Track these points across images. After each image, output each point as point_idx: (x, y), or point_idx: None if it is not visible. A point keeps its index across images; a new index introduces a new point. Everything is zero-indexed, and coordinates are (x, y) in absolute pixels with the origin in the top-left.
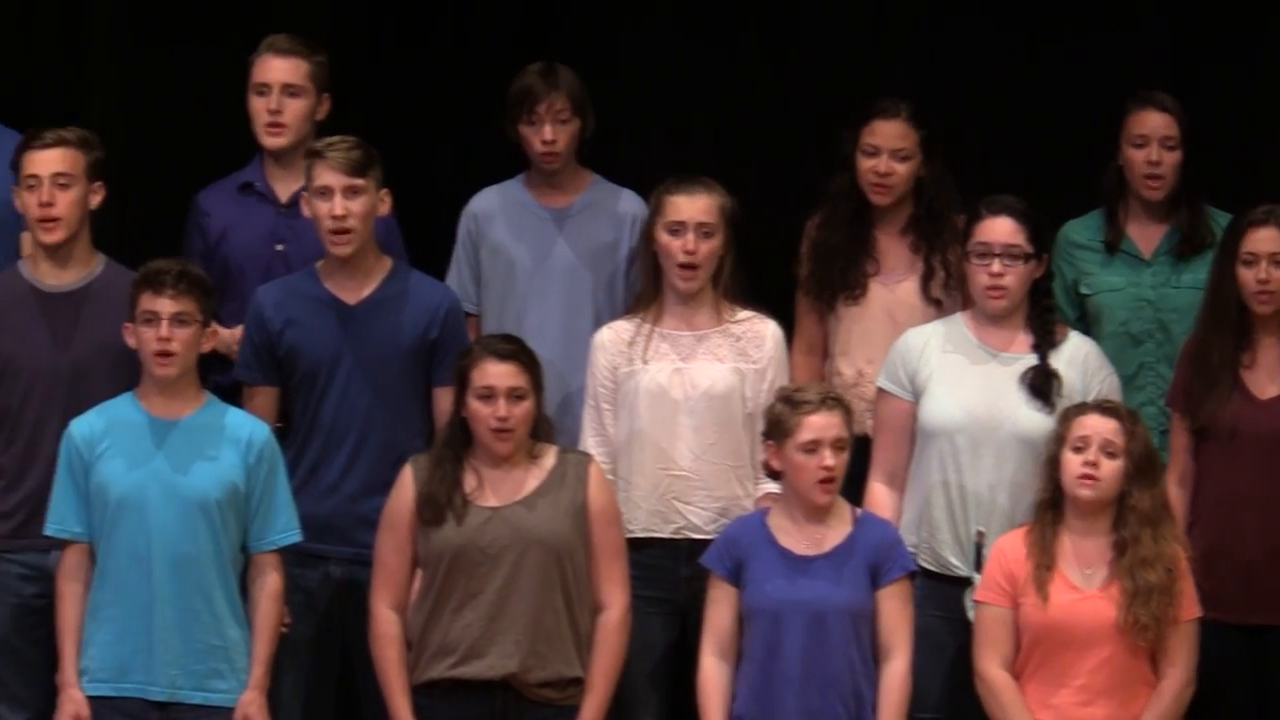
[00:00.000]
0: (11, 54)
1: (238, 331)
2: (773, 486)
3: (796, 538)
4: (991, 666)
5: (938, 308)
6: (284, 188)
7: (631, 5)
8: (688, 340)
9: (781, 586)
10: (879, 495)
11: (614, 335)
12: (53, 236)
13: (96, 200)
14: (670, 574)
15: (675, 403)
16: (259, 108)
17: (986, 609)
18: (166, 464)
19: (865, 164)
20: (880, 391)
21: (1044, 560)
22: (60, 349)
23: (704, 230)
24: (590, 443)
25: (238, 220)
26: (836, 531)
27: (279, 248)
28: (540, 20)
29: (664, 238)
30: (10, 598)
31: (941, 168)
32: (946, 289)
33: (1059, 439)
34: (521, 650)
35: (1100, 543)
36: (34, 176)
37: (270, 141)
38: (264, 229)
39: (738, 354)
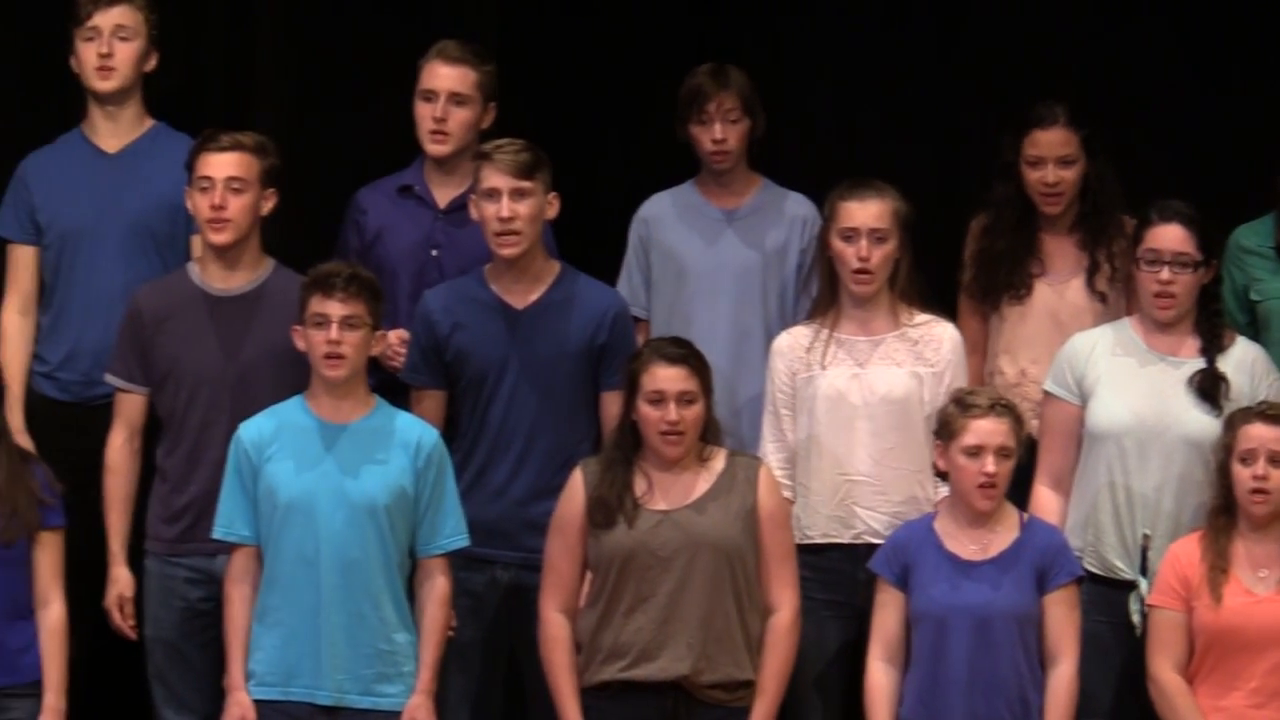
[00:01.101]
0: (179, 55)
1: (390, 336)
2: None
3: (963, 542)
4: (1165, 670)
5: (1103, 302)
6: (443, 193)
7: (800, 6)
8: (865, 345)
9: (947, 591)
10: (1044, 499)
11: (792, 341)
12: (221, 238)
13: (268, 206)
14: (849, 578)
15: (853, 407)
16: (424, 114)
17: (1160, 613)
18: (335, 468)
19: (1032, 175)
20: (1047, 395)
21: (1218, 564)
22: (227, 353)
23: (877, 235)
24: (769, 448)
25: (395, 222)
26: (1003, 536)
27: (434, 253)
28: (708, 21)
29: (838, 244)
30: (177, 601)
31: (1105, 164)
32: (1111, 284)
33: (1226, 448)
34: (693, 653)
35: (1274, 546)
36: (207, 178)
37: (434, 149)
38: (420, 233)
39: (915, 358)
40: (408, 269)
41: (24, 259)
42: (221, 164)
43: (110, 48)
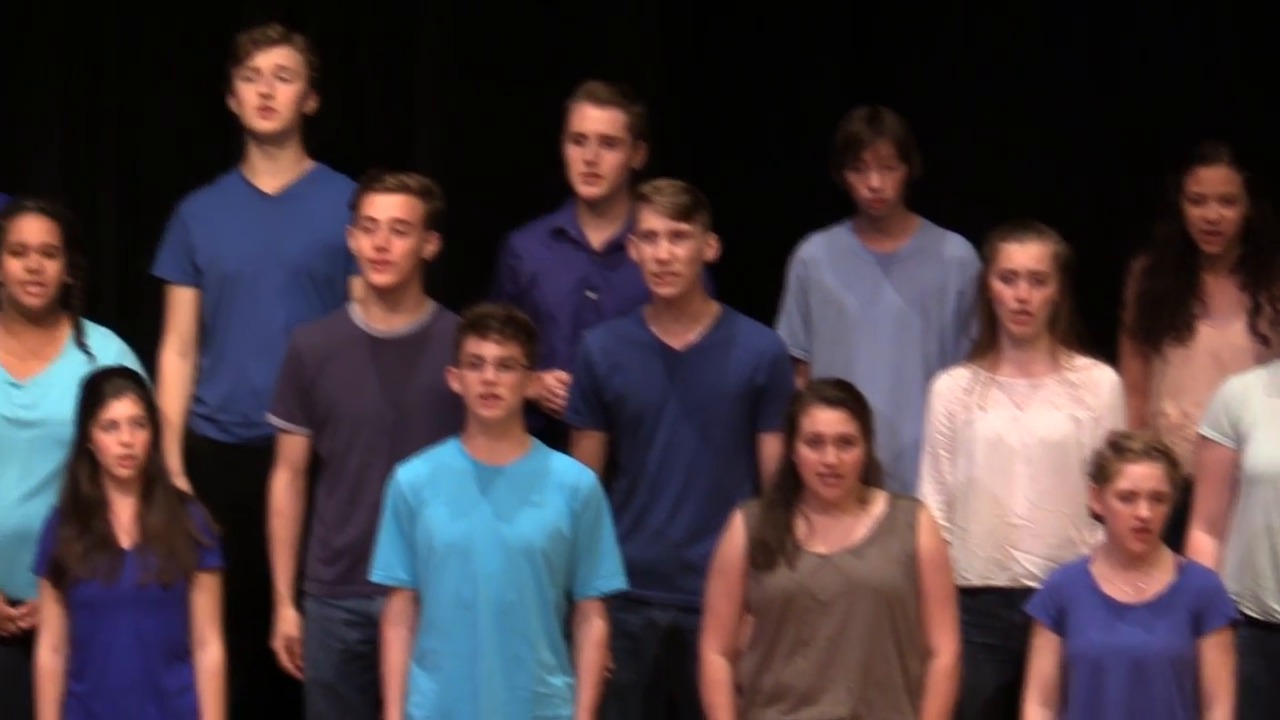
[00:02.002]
0: (339, 97)
1: (548, 377)
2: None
3: (1118, 585)
4: None
5: (1264, 345)
6: (597, 235)
7: (955, 48)
8: (1024, 388)
9: (1102, 634)
10: (1200, 543)
11: (952, 383)
12: (383, 279)
13: (431, 250)
14: (1005, 621)
15: (1012, 450)
16: (575, 157)
17: None
18: (492, 511)
19: (1194, 212)
20: (1202, 439)
21: None
22: (387, 395)
23: (1037, 277)
24: (928, 489)
25: (550, 265)
26: (1159, 579)
27: (590, 295)
28: (864, 60)
29: (997, 285)
30: (335, 643)
31: (1268, 207)
32: (1274, 326)
33: None
34: (853, 696)
35: None
36: (371, 219)
37: (586, 191)
38: (576, 276)
39: (1074, 401)
40: (565, 312)
41: (183, 301)
42: (386, 205)
43: (271, 88)
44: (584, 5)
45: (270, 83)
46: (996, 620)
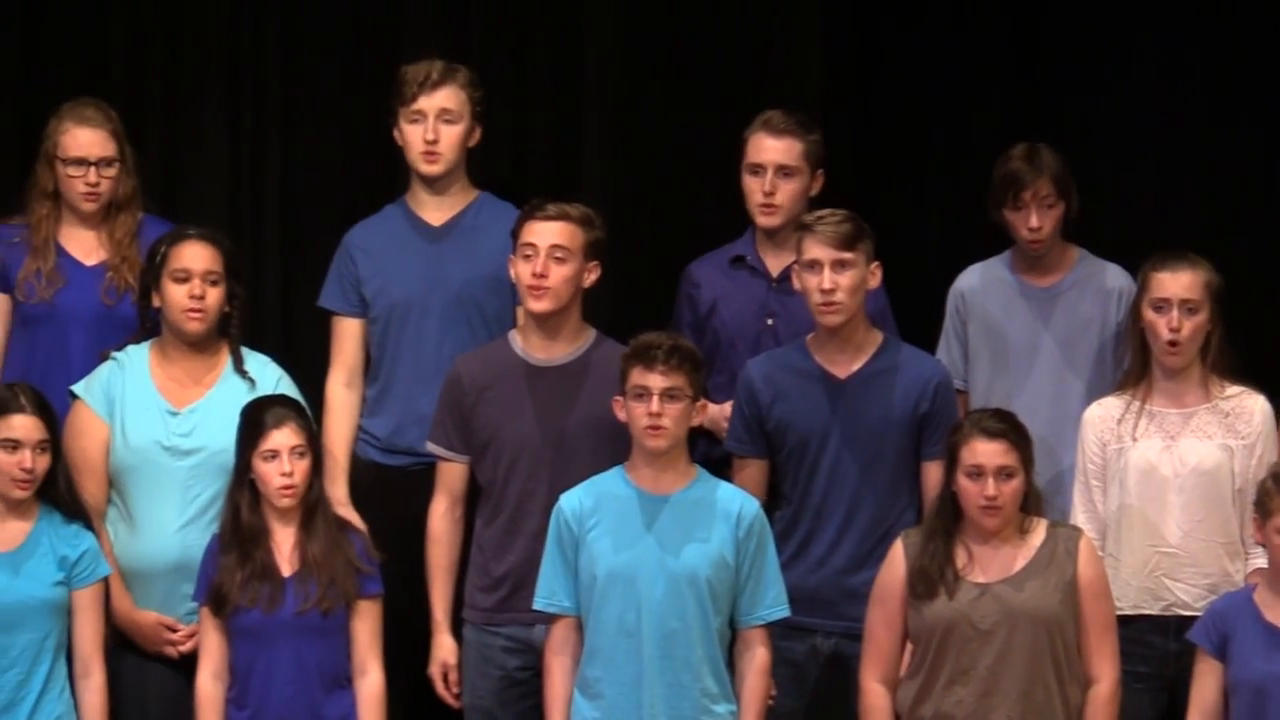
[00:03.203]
0: (506, 125)
1: (726, 408)
2: (1262, 561)
3: None
4: None
5: None
6: (775, 262)
7: (1111, 78)
8: (1176, 418)
9: (1265, 661)
10: None
11: (1103, 412)
12: (541, 305)
13: (591, 279)
14: (1159, 650)
15: (1164, 479)
16: (753, 187)
17: None
18: (656, 539)
19: None
20: None
21: None
22: (547, 423)
23: (1189, 306)
24: (1081, 518)
25: (728, 293)
26: None
27: (769, 322)
28: (1023, 91)
29: (1150, 314)
30: (494, 670)
31: None
32: None
33: None
34: None
35: None
36: (531, 246)
37: (764, 221)
38: (755, 303)
39: (1226, 430)
40: (744, 339)
41: (349, 331)
42: (546, 232)
43: (436, 133)
44: (751, 37)
45: (435, 127)
46: (1149, 649)
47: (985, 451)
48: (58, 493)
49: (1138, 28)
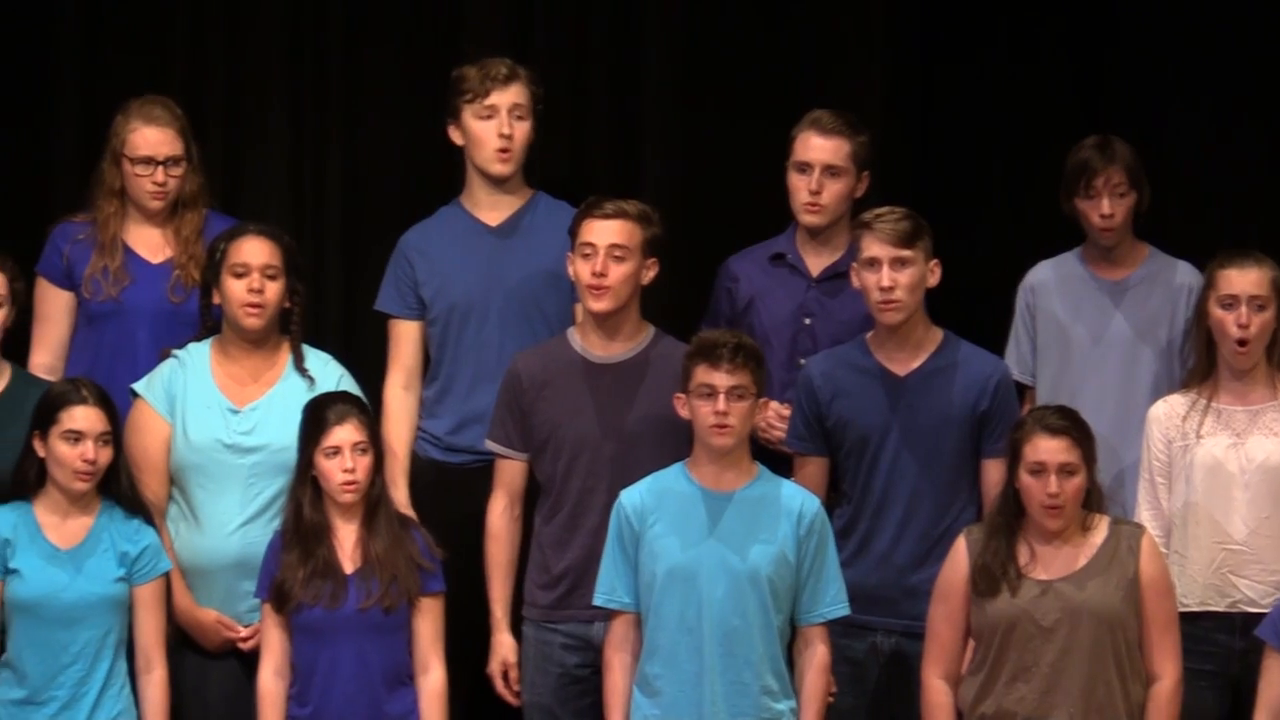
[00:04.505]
0: (565, 124)
1: (781, 409)
2: None
3: None
4: None
5: None
6: (816, 261)
7: (1181, 74)
8: (1242, 415)
9: None
10: None
11: (1169, 409)
12: (601, 305)
13: (649, 276)
14: (1224, 647)
15: (1230, 476)
16: (799, 185)
17: None
18: (718, 537)
19: None
20: None
21: None
22: (607, 420)
23: (1257, 303)
24: (1145, 515)
25: (768, 290)
26: None
27: (807, 321)
28: (1091, 88)
29: (1217, 311)
30: (553, 667)
31: None
32: None
33: None
34: None
35: None
36: (590, 245)
37: (808, 220)
38: (793, 301)
39: None
40: (781, 337)
41: (407, 334)
42: (605, 231)
43: (511, 128)
44: (810, 31)
45: (509, 122)
46: (1215, 646)
47: (1048, 449)
48: (119, 488)
49: (1197, 52)
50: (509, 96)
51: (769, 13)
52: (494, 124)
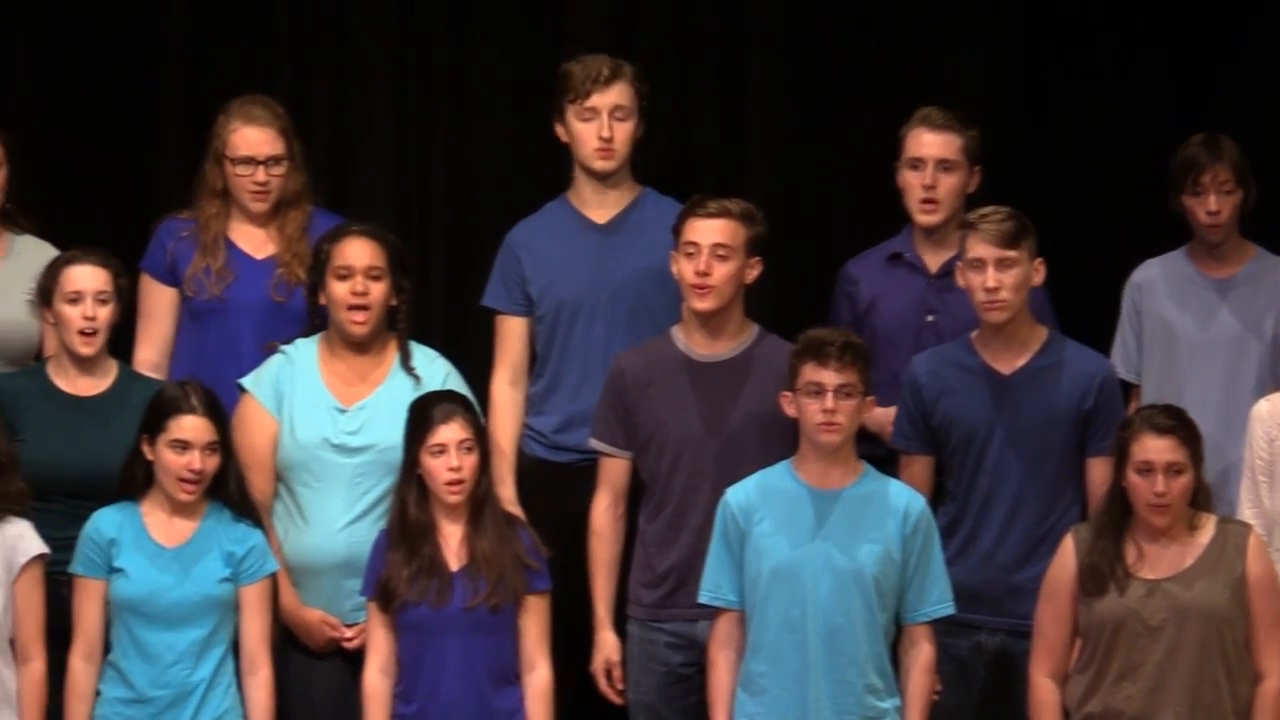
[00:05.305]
0: (671, 122)
1: (890, 412)
2: None
3: None
4: None
5: None
6: (934, 258)
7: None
8: None
9: None
10: None
11: (1271, 408)
12: (704, 304)
13: (753, 275)
14: None
15: None
16: (912, 183)
17: None
18: (823, 535)
19: None
20: None
21: None
22: (711, 419)
23: None
24: (1248, 514)
25: (887, 290)
26: None
27: (929, 318)
28: (1199, 87)
29: None
30: (657, 665)
31: None
32: None
33: None
34: None
35: None
36: (693, 244)
37: (924, 218)
38: (914, 299)
39: None
40: (904, 336)
41: (514, 330)
42: (708, 230)
43: (611, 130)
44: (913, 29)
45: (609, 124)
46: None
47: (1155, 448)
48: (228, 492)
49: None
50: (610, 98)
51: (873, 13)
52: (594, 126)
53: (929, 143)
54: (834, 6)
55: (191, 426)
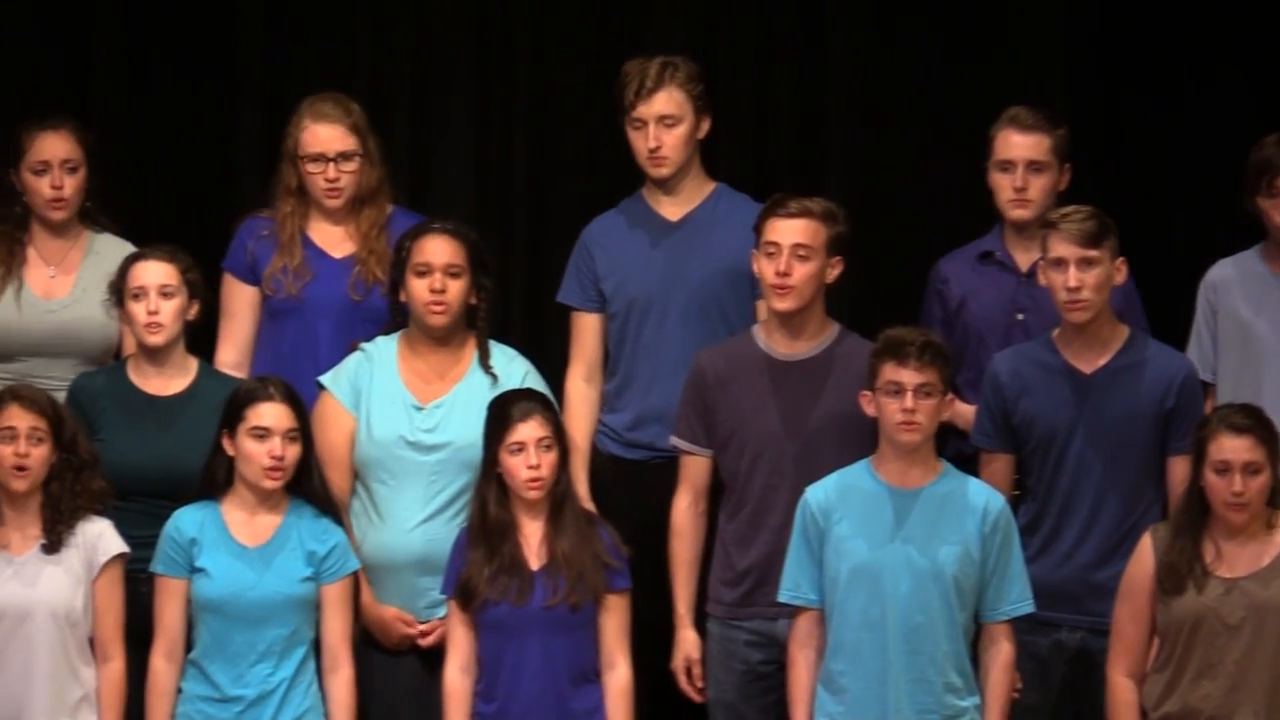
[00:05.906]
0: (750, 119)
1: (970, 410)
2: None
3: None
4: None
5: None
6: (1024, 256)
7: None
8: None
9: None
10: None
11: None
12: (784, 304)
13: (833, 275)
14: None
15: None
16: (1003, 183)
17: None
18: (903, 533)
19: None
20: None
21: None
22: (791, 418)
23: None
24: None
25: (978, 288)
26: None
27: (1019, 316)
28: (1275, 90)
29: None
30: (737, 664)
31: None
32: None
33: None
34: None
35: None
36: (774, 244)
37: (1015, 216)
38: (1005, 298)
39: None
40: (994, 334)
41: (589, 326)
42: (789, 230)
43: (658, 140)
44: (990, 32)
45: (656, 135)
46: None
47: (1232, 447)
48: (310, 487)
49: None
50: (655, 108)
51: (952, 17)
52: (642, 135)
53: (1018, 144)
54: (911, 10)
55: (271, 413)
